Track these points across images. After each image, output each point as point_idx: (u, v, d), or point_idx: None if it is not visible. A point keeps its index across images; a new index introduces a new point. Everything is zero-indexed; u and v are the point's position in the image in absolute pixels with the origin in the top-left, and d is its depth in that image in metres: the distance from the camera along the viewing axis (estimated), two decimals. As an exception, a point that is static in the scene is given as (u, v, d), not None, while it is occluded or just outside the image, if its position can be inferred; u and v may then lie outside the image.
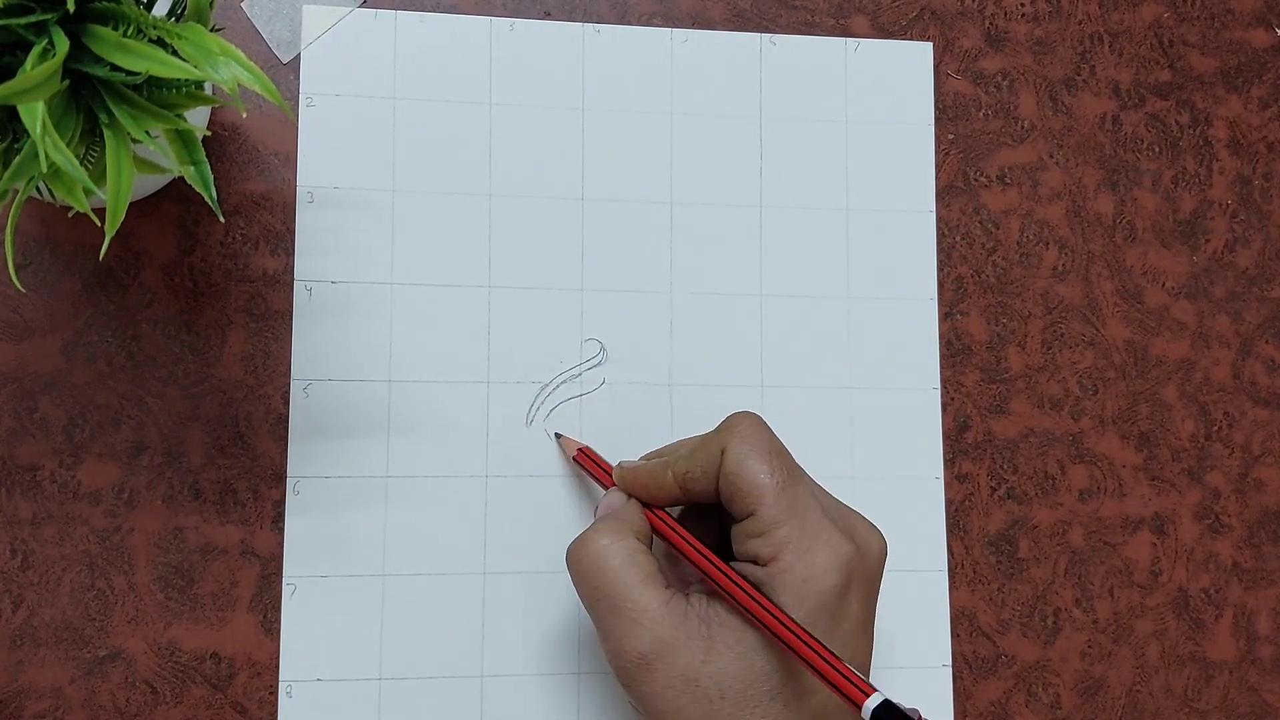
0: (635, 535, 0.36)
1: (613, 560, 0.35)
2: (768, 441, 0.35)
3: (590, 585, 0.35)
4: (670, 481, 0.37)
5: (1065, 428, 0.46)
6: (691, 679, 0.33)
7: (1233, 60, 0.49)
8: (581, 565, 0.35)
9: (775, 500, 0.34)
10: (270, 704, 0.40)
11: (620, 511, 0.37)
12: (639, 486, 0.38)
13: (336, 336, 0.42)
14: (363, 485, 0.41)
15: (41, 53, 0.28)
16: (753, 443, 0.35)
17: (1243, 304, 0.48)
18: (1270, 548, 0.47)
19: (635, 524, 0.37)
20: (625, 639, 0.34)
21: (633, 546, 0.35)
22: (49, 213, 0.41)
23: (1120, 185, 0.47)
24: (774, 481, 0.34)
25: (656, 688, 0.33)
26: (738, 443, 0.35)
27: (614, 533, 0.35)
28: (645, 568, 0.35)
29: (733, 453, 0.35)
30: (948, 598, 0.44)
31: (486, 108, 0.44)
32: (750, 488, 0.34)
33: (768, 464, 0.34)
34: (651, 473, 0.37)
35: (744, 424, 0.36)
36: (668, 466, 0.37)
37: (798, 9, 0.46)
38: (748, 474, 0.34)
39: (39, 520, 0.40)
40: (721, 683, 0.33)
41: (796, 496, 0.34)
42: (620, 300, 0.44)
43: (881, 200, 0.46)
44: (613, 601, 0.34)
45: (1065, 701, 0.45)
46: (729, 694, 0.33)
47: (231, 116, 0.42)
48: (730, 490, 0.35)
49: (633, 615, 0.34)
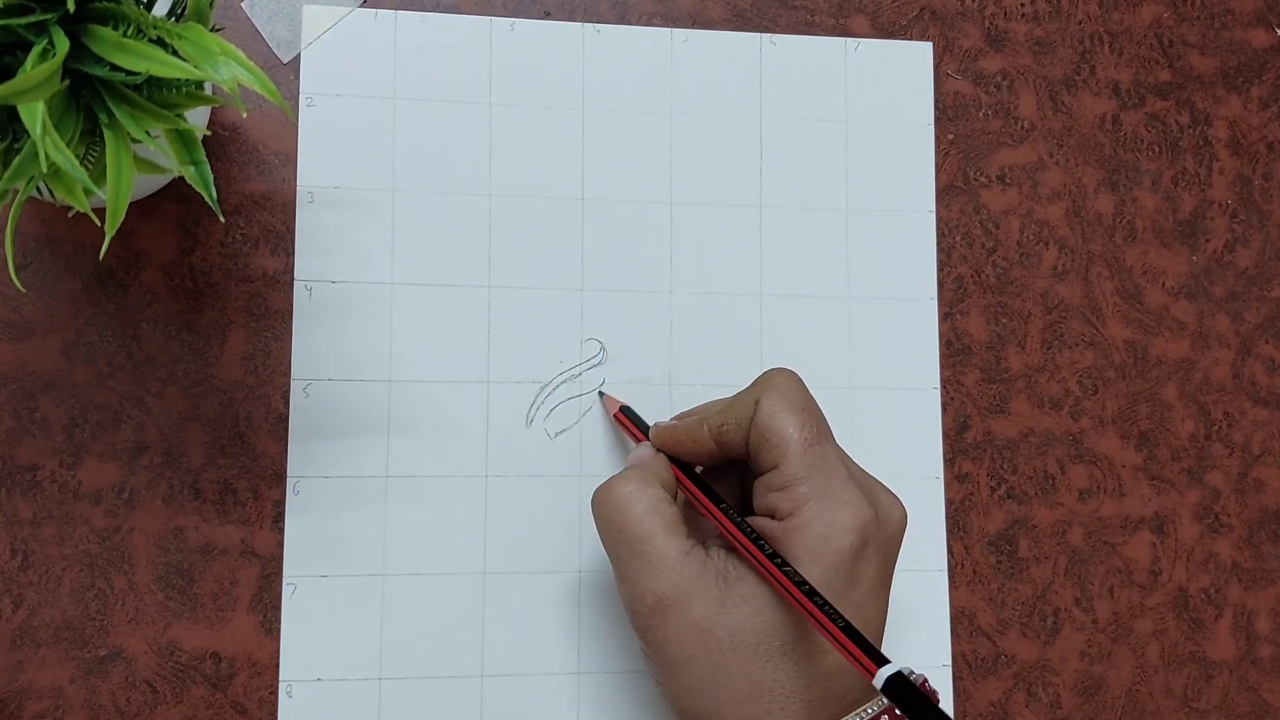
0: (661, 485, 0.36)
1: (637, 506, 0.35)
2: (801, 397, 0.35)
3: (613, 528, 0.35)
4: (706, 436, 0.37)
5: (1065, 428, 0.46)
6: (705, 628, 0.33)
7: (1233, 60, 0.49)
8: (606, 508, 0.36)
9: (801, 455, 0.34)
10: (270, 704, 0.40)
11: (648, 462, 0.38)
12: (675, 443, 0.38)
13: (336, 336, 0.42)
14: (363, 485, 0.41)
15: (41, 53, 0.28)
16: (786, 396, 0.35)
17: (1243, 304, 0.48)
18: (1270, 548, 0.47)
19: (662, 475, 0.37)
20: (643, 581, 0.34)
21: (658, 494, 0.35)
22: (49, 213, 0.41)
23: (1120, 185, 0.47)
24: (802, 436, 0.34)
25: (670, 634, 0.34)
26: (771, 394, 0.35)
27: (640, 480, 0.36)
28: (668, 516, 0.35)
29: (765, 404, 0.35)
30: (948, 598, 0.44)
31: (486, 108, 0.44)
32: (778, 440, 0.34)
33: (798, 418, 0.35)
34: (688, 429, 0.37)
35: (780, 378, 0.36)
36: (704, 421, 0.37)
37: (798, 9, 0.46)
38: (777, 426, 0.34)
39: (39, 520, 0.40)
40: (734, 634, 0.33)
41: (823, 455, 0.34)
42: (620, 300, 0.44)
43: (881, 200, 0.46)
44: (634, 545, 0.35)
45: (1065, 701, 0.45)
46: (740, 646, 0.33)
47: (231, 116, 0.42)
48: (759, 441, 0.35)
49: (652, 560, 0.34)
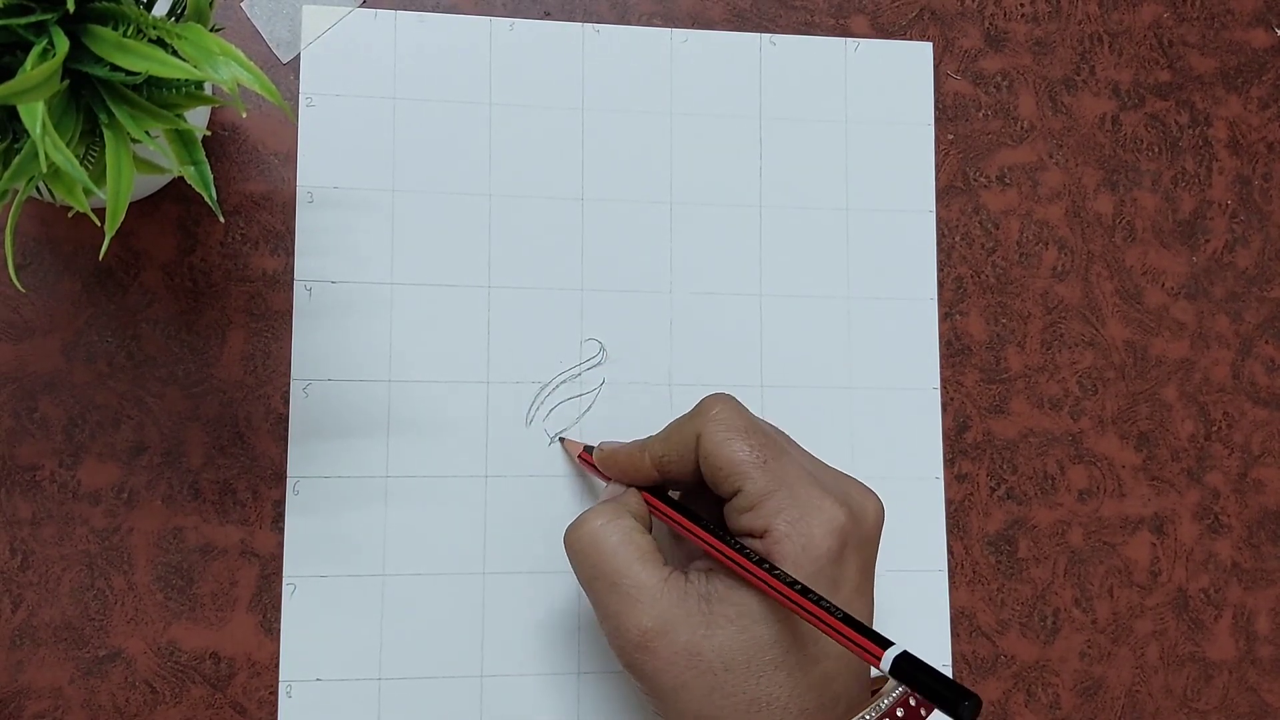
0: (632, 515, 0.36)
1: (609, 539, 0.35)
2: (742, 420, 0.35)
3: (588, 565, 0.35)
4: (647, 465, 0.37)
5: (1065, 428, 0.46)
6: (694, 653, 0.33)
7: (1232, 60, 0.49)
8: (579, 545, 0.35)
9: (759, 474, 0.34)
10: (270, 704, 0.40)
11: (618, 495, 0.37)
12: (618, 469, 0.38)
13: (336, 336, 0.42)
14: (363, 485, 0.41)
15: (41, 53, 0.28)
16: (726, 424, 0.35)
17: (1242, 304, 0.48)
18: (1270, 548, 0.47)
19: (632, 506, 0.37)
20: (626, 617, 0.34)
21: (629, 525, 0.35)
22: (49, 213, 0.41)
23: (1120, 185, 0.47)
24: (754, 457, 0.34)
25: (660, 664, 0.33)
26: (711, 426, 0.35)
27: (609, 513, 0.36)
28: (642, 546, 0.35)
29: (708, 437, 0.35)
30: (947, 598, 0.44)
31: (486, 108, 0.44)
32: (731, 467, 0.34)
33: (745, 441, 0.35)
34: (630, 455, 0.38)
35: (715, 407, 0.36)
36: (644, 450, 0.37)
37: (798, 9, 0.46)
38: (726, 454, 0.34)
39: (39, 520, 0.40)
40: (725, 655, 0.33)
41: (781, 468, 0.34)
42: (620, 300, 0.44)
43: (881, 200, 0.46)
44: (611, 580, 0.34)
45: (1065, 701, 0.45)
46: (733, 666, 0.33)
47: (231, 116, 0.42)
48: (712, 473, 0.35)
49: (631, 593, 0.34)
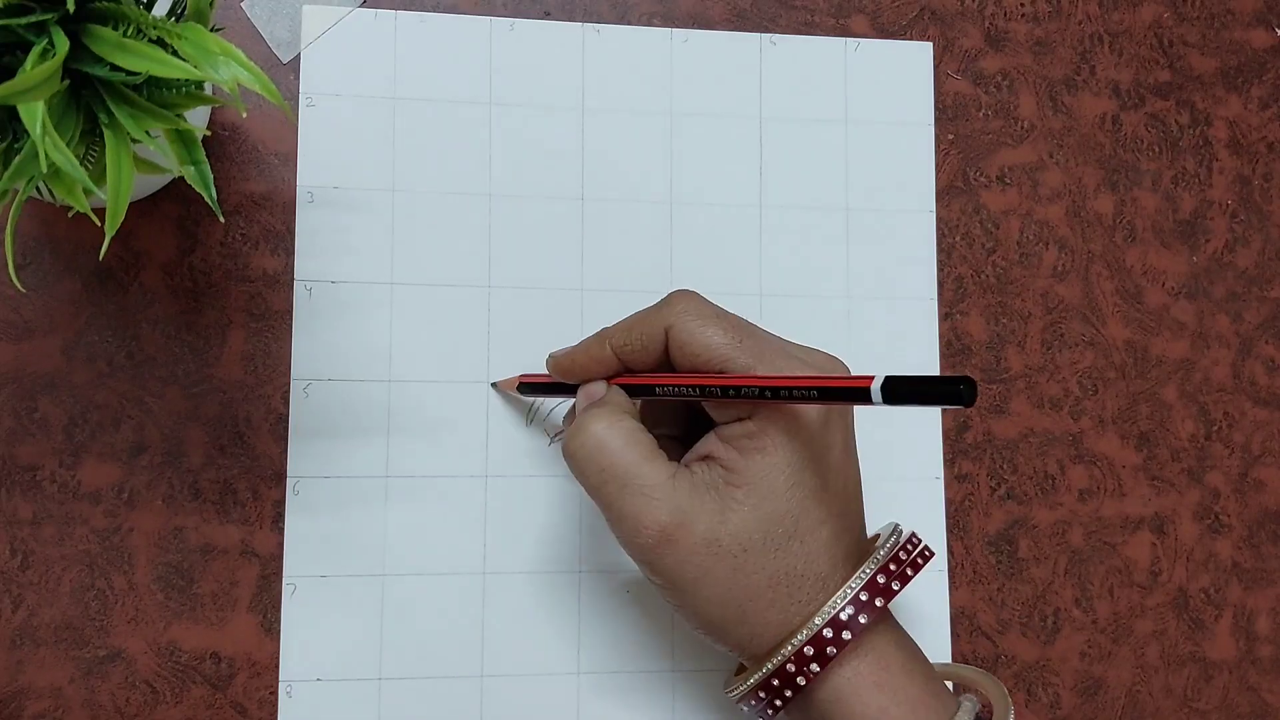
0: (629, 414, 0.36)
1: (614, 441, 0.35)
2: (710, 308, 0.35)
3: (595, 470, 0.35)
4: (608, 354, 0.37)
5: (1065, 428, 0.46)
6: (712, 540, 0.33)
7: (1233, 60, 0.49)
8: (584, 452, 0.35)
9: (739, 354, 0.34)
10: (270, 704, 0.40)
11: (607, 396, 0.37)
12: (577, 365, 0.37)
13: (336, 336, 0.42)
14: (363, 485, 0.41)
15: (41, 53, 0.28)
16: (696, 313, 0.35)
17: (1243, 304, 0.48)
18: (1270, 548, 0.47)
19: (625, 404, 0.36)
20: (642, 515, 0.34)
21: (631, 425, 0.35)
22: (49, 213, 0.41)
23: (1120, 185, 0.47)
24: (730, 339, 0.34)
25: (680, 556, 0.34)
26: (683, 318, 0.35)
27: (608, 416, 0.35)
28: (647, 445, 0.35)
29: (680, 328, 0.35)
30: (948, 598, 0.44)
31: (486, 108, 0.44)
32: (709, 351, 0.34)
33: (718, 325, 0.35)
34: (587, 349, 0.37)
35: (683, 300, 0.35)
36: (604, 339, 0.37)
37: (798, 9, 0.46)
38: (701, 340, 0.34)
39: (39, 520, 0.40)
40: (741, 537, 0.33)
41: (759, 345, 0.34)
42: (620, 300, 0.44)
43: (881, 200, 0.46)
44: (622, 481, 0.34)
45: (1065, 701, 0.45)
46: (750, 546, 0.33)
47: (231, 116, 0.42)
48: (689, 360, 0.35)
49: (645, 491, 0.34)
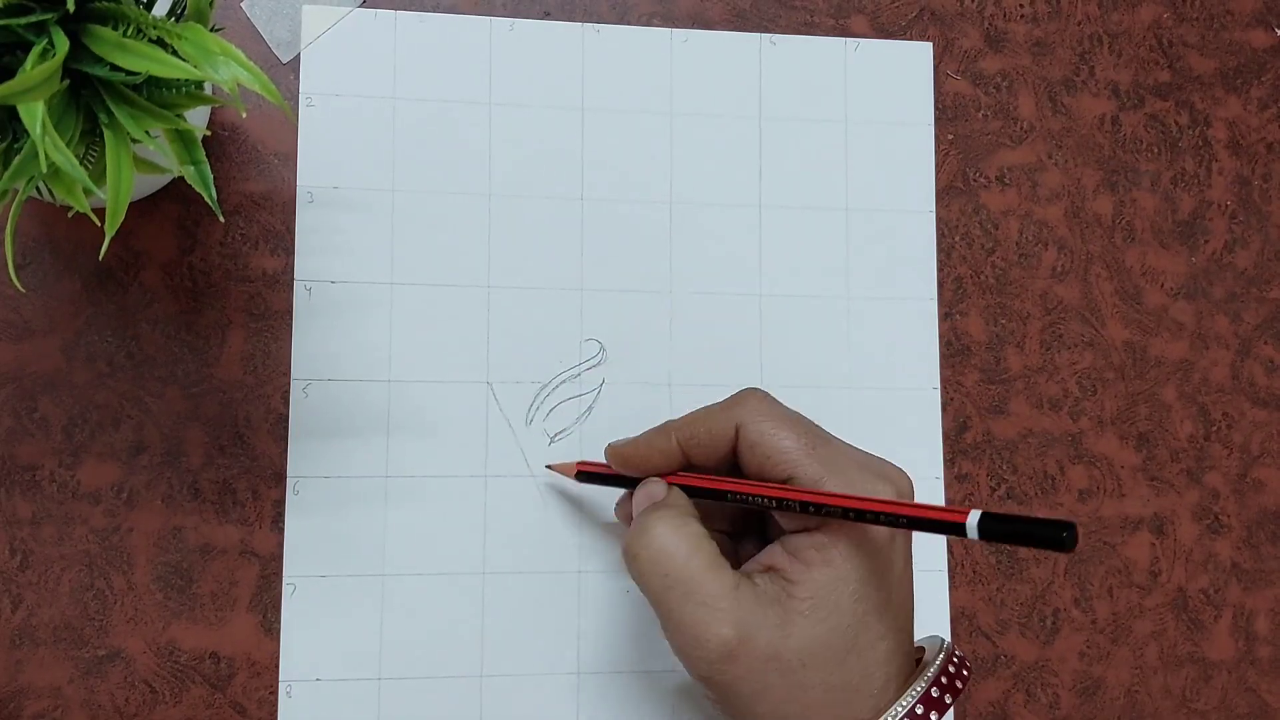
0: (694, 518, 0.35)
1: (680, 548, 0.34)
2: (783, 410, 0.35)
3: (659, 576, 0.34)
4: (673, 447, 0.36)
5: (1064, 428, 0.46)
6: (774, 655, 0.33)
7: (1232, 61, 0.49)
8: (647, 556, 0.34)
9: (810, 460, 0.34)
10: (270, 704, 0.40)
11: (667, 498, 0.36)
12: (638, 457, 0.37)
13: (336, 336, 0.42)
14: (363, 485, 0.41)
15: (41, 53, 0.28)
16: (769, 414, 0.35)
17: (1242, 304, 0.48)
18: (1269, 548, 0.47)
19: (689, 508, 0.36)
20: (705, 627, 0.33)
21: (696, 531, 0.34)
22: (49, 213, 0.41)
23: (1119, 186, 0.47)
24: (802, 444, 0.34)
25: (740, 672, 0.33)
26: (754, 417, 0.35)
27: (674, 519, 0.35)
28: (711, 553, 0.34)
29: (752, 427, 0.35)
30: (948, 598, 0.44)
31: (486, 108, 0.44)
32: (780, 455, 0.34)
33: (791, 429, 0.34)
34: (650, 441, 0.37)
35: (754, 399, 0.35)
36: (669, 431, 0.36)
37: (798, 9, 0.46)
38: (771, 443, 0.34)
39: (39, 520, 0.40)
40: (803, 652, 0.33)
41: (831, 452, 0.34)
42: (620, 300, 0.44)
43: (881, 200, 0.46)
44: (685, 590, 0.33)
45: (1064, 702, 0.45)
46: (811, 660, 0.33)
47: (231, 116, 0.42)
48: (759, 462, 0.34)
49: (708, 602, 0.33)
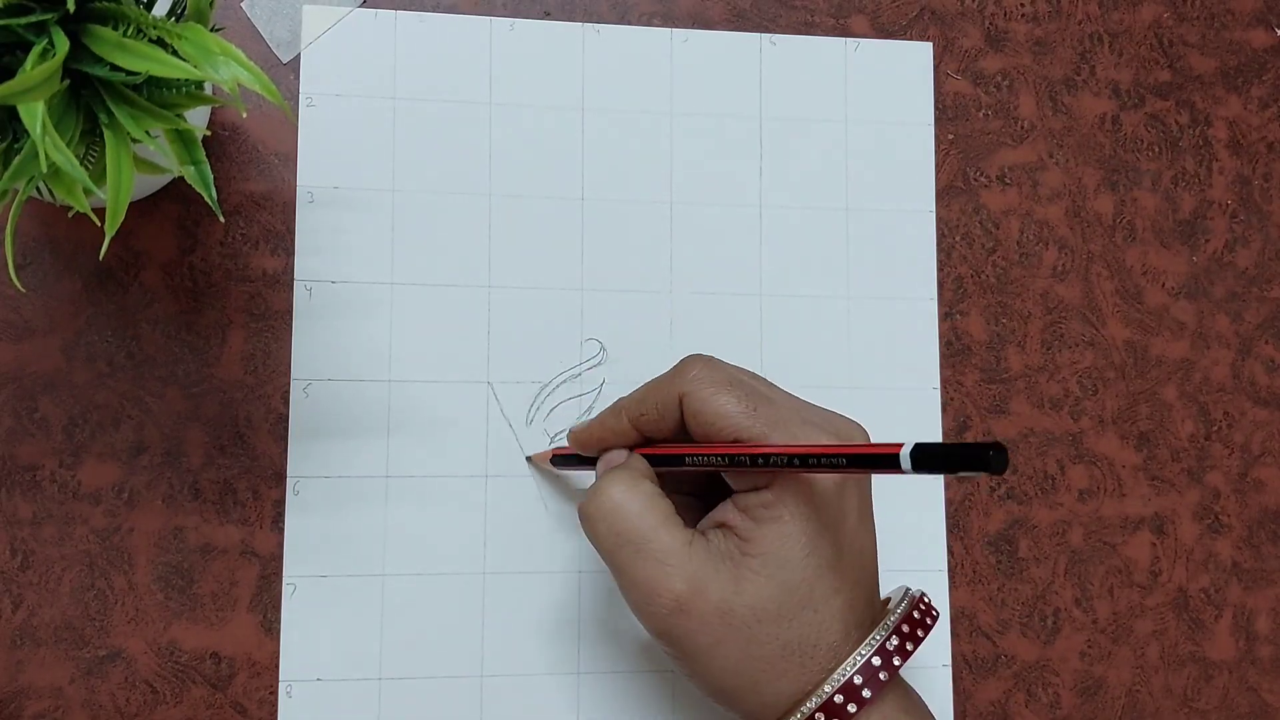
0: (648, 478, 0.36)
1: (632, 506, 0.35)
2: (723, 374, 0.35)
3: (611, 534, 0.35)
4: (625, 425, 0.37)
5: (1065, 428, 0.46)
6: (726, 610, 0.33)
7: (1233, 60, 0.49)
8: (601, 514, 0.35)
9: (752, 422, 0.34)
10: (270, 704, 0.40)
11: (627, 461, 0.37)
12: (594, 436, 0.38)
13: (336, 336, 0.42)
14: (363, 485, 0.41)
15: (41, 53, 0.28)
16: (709, 380, 0.35)
17: (1242, 304, 0.48)
18: (1270, 548, 0.47)
19: (644, 469, 0.36)
20: (657, 582, 0.34)
21: (649, 490, 0.35)
22: (49, 213, 0.41)
23: (1120, 185, 0.47)
24: (744, 407, 0.34)
25: (692, 626, 0.33)
26: (695, 385, 0.35)
27: (627, 479, 0.35)
28: (664, 510, 0.35)
29: (694, 395, 0.35)
30: (948, 598, 0.44)
31: (486, 108, 0.44)
32: (722, 419, 0.34)
33: (731, 394, 0.34)
34: (603, 422, 0.37)
35: (695, 366, 0.36)
36: (620, 410, 0.37)
37: (798, 9, 0.46)
38: (714, 408, 0.34)
39: (39, 520, 0.40)
40: (755, 607, 0.33)
41: (771, 412, 0.34)
42: (620, 300, 0.44)
43: (881, 200, 0.46)
44: (638, 546, 0.34)
45: (1065, 701, 0.45)
46: (764, 616, 0.33)
47: (231, 116, 0.42)
48: (704, 429, 0.35)
49: (661, 558, 0.34)
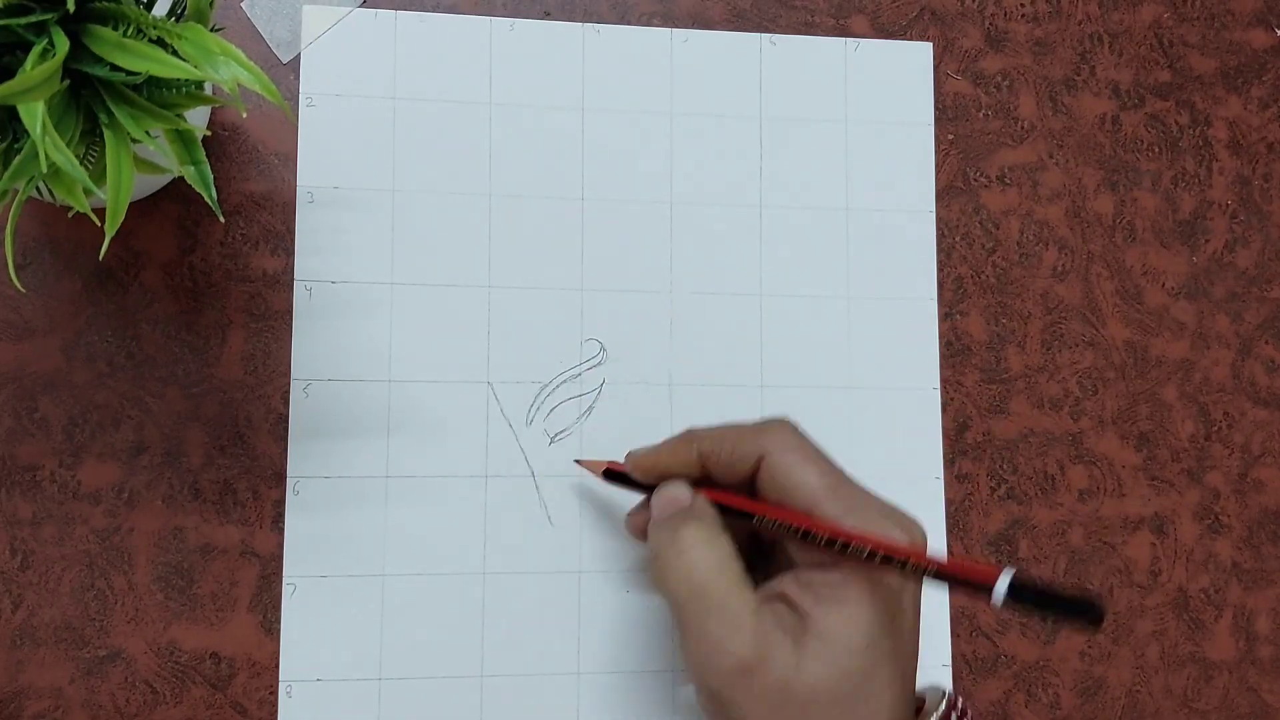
0: (725, 534, 0.35)
1: (710, 560, 0.34)
2: (811, 447, 0.35)
3: (686, 587, 0.34)
4: (694, 458, 0.36)
5: (1065, 428, 0.46)
6: (784, 686, 0.33)
7: (1233, 60, 0.49)
8: (676, 564, 0.34)
9: (831, 499, 0.34)
10: (270, 704, 0.40)
11: (698, 508, 0.36)
12: (660, 466, 0.37)
13: (336, 336, 0.42)
14: (363, 485, 0.41)
15: (41, 53, 0.28)
16: (796, 448, 0.35)
17: (1242, 304, 0.48)
18: (1270, 548, 0.47)
19: (718, 521, 0.36)
20: (725, 642, 0.33)
21: (727, 547, 0.35)
22: (49, 213, 0.41)
23: (1120, 185, 0.47)
24: (826, 483, 0.34)
25: (749, 697, 0.33)
26: (782, 448, 0.35)
27: (705, 531, 0.35)
28: (738, 571, 0.34)
29: (779, 457, 0.35)
30: (948, 598, 0.44)
31: (486, 108, 0.44)
32: (803, 489, 0.34)
33: (816, 466, 0.34)
34: (673, 450, 0.37)
35: (784, 430, 0.35)
36: (692, 441, 0.36)
37: (798, 9, 0.46)
38: (796, 476, 0.34)
39: (39, 520, 0.40)
40: (814, 687, 0.32)
41: (852, 496, 0.34)
42: (620, 300, 0.44)
43: (881, 200, 0.46)
44: (710, 604, 0.33)
45: (1065, 701, 0.45)
46: (818, 698, 0.32)
47: (231, 116, 0.42)
48: (779, 493, 0.34)
49: (730, 618, 0.33)
